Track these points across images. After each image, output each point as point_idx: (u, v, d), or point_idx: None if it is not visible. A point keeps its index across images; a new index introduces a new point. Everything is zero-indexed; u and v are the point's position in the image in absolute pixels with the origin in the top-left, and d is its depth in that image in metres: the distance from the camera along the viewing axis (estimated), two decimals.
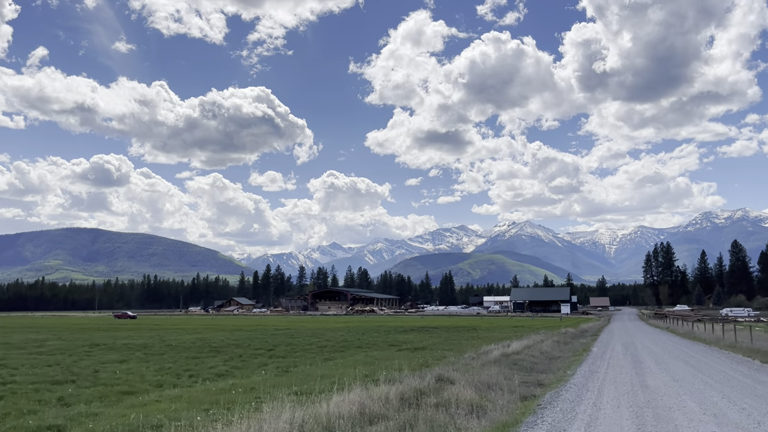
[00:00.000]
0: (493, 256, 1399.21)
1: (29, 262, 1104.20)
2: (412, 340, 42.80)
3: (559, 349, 35.41)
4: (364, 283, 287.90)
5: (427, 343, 40.18)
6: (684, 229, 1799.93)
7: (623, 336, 51.96)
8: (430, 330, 60.69)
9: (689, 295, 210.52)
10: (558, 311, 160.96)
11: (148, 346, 37.67)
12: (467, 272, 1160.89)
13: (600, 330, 65.05)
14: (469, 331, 58.80)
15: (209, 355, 31.73)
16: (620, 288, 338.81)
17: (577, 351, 34.52)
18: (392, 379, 18.29)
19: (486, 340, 41.79)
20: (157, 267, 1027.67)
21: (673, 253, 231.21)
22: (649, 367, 24.30)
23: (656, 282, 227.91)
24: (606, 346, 37.80)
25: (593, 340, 46.48)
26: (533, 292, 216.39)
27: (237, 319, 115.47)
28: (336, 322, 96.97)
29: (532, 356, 28.63)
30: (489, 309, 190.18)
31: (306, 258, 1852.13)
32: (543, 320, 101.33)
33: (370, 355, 30.37)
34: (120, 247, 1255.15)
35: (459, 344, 38.41)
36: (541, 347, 34.00)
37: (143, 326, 75.30)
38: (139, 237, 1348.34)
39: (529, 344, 34.92)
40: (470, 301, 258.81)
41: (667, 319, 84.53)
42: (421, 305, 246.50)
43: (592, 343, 42.05)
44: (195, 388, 18.65)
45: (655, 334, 54.71)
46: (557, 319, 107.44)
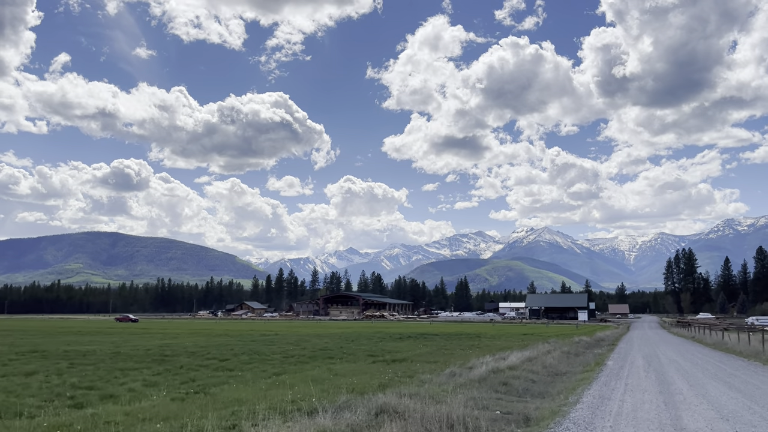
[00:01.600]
0: (510, 263, 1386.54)
1: (50, 266, 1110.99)
2: (400, 350, 37.22)
3: (568, 362, 29.67)
4: (378, 289, 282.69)
5: (415, 353, 34.58)
6: (706, 236, 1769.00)
7: (644, 346, 46.06)
8: (429, 337, 55.06)
9: (712, 303, 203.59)
10: (575, 318, 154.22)
11: (89, 354, 32.58)
12: (484, 278, 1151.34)
13: (618, 339, 59.05)
14: (471, 338, 53.09)
15: (145, 366, 26.51)
16: (640, 295, 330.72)
17: (589, 365, 28.79)
18: (317, 410, 12.89)
19: (485, 350, 36.20)
20: (175, 271, 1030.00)
21: (695, 260, 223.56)
22: (681, 390, 18.58)
23: (677, 289, 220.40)
24: (624, 359, 32.00)
25: (609, 350, 40.65)
26: (549, 298, 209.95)
27: (237, 324, 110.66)
28: (338, 327, 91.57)
29: (530, 372, 22.99)
30: (504, 315, 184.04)
31: (323, 263, 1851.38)
32: (557, 327, 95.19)
33: (332, 368, 24.92)
34: (139, 251, 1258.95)
35: (449, 355, 32.79)
36: (546, 360, 28.30)
37: (130, 330, 70.71)
38: (158, 241, 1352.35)
39: (531, 356, 29.22)
40: (486, 307, 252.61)
41: (690, 327, 77.96)
42: (435, 311, 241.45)
43: (608, 354, 36.26)
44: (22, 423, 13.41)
45: (681, 345, 48.70)
46: (573, 326, 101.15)
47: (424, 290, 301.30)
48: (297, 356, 31.50)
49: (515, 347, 37.29)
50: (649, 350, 40.74)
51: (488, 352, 33.09)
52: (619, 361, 31.10)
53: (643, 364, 29.20)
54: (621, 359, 32.18)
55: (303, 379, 20.61)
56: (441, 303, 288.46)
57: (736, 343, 42.71)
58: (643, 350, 40.78)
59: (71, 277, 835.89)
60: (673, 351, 39.97)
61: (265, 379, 21.53)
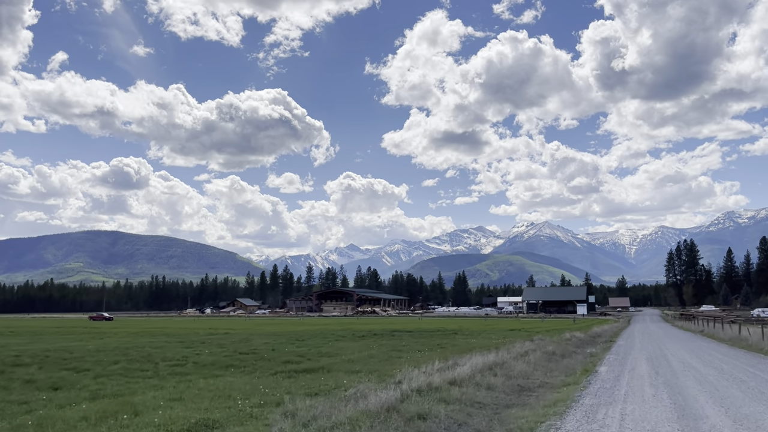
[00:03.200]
0: (511, 257, 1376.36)
1: (51, 265, 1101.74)
2: (339, 352, 29.71)
3: (547, 368, 22.16)
4: (374, 284, 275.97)
5: (350, 357, 27.05)
6: (706, 229, 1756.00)
7: (648, 343, 38.60)
8: (398, 334, 47.55)
9: (715, 295, 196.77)
10: (574, 312, 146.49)
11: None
12: (485, 273, 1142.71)
13: (617, 334, 51.59)
14: (446, 336, 45.62)
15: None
16: (641, 288, 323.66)
17: (574, 372, 21.36)
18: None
19: (451, 351, 28.81)
20: (176, 269, 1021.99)
21: (697, 251, 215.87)
22: (717, 425, 11.11)
23: (679, 282, 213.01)
24: (622, 364, 24.49)
25: (605, 350, 33.21)
26: (547, 291, 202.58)
27: (209, 321, 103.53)
28: (314, 324, 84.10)
29: (482, 389, 15.53)
30: (502, 310, 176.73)
31: (324, 260, 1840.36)
32: (553, 322, 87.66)
33: (190, 387, 17.33)
34: (139, 250, 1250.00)
35: (393, 360, 25.24)
36: (516, 367, 20.76)
37: (88, 330, 63.40)
38: (159, 239, 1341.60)
39: (498, 361, 21.68)
40: (483, 302, 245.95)
41: (696, 320, 70.61)
42: (432, 306, 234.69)
43: (602, 355, 28.79)
44: None
45: (691, 341, 41.19)
46: (570, 321, 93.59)
47: (420, 285, 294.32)
48: (191, 364, 24.00)
49: (490, 347, 29.94)
50: (654, 349, 33.25)
51: (452, 354, 25.79)
52: (615, 366, 23.58)
53: (647, 370, 21.71)
54: (618, 363, 24.67)
55: (101, 410, 13.15)
56: (438, 298, 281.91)
57: (760, 339, 35.19)
58: (647, 349, 33.30)
59: (71, 276, 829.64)
60: (684, 350, 32.47)
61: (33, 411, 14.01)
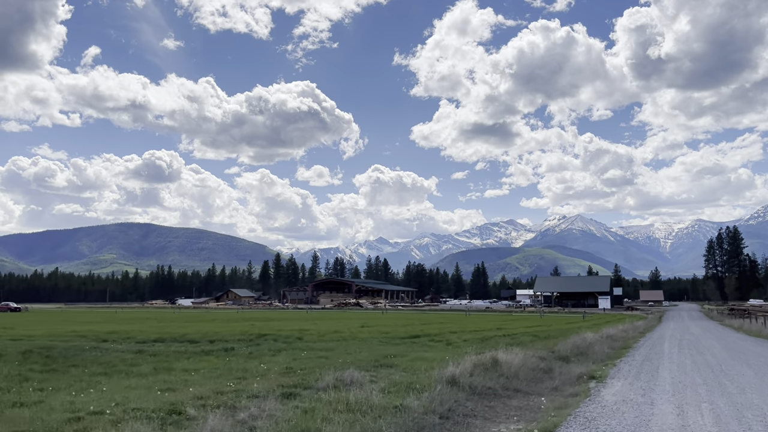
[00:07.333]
0: (542, 251, 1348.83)
1: (85, 257, 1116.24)
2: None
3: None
4: (384, 275, 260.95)
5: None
6: (746, 222, 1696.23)
7: (690, 362, 21.52)
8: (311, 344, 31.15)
9: (761, 288, 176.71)
10: (595, 306, 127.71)
11: None
12: (515, 267, 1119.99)
13: (640, 336, 34.31)
14: (407, 344, 29.04)
15: None
16: (676, 282, 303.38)
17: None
18: None
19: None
20: (206, 261, 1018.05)
21: (741, 239, 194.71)
22: None
23: (720, 273, 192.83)
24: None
25: (601, 380, 16.40)
26: (563, 281, 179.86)
27: (181, 314, 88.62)
28: (266, 318, 68.28)
29: None
30: (519, 303, 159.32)
31: (353, 252, 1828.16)
32: (561, 318, 70.27)
33: None
34: (171, 242, 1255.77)
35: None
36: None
37: None
38: (190, 232, 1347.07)
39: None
40: (502, 294, 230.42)
41: (754, 317, 52.81)
42: (444, 298, 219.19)
43: (583, 396, 12.06)
44: None
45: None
46: (579, 316, 74.36)
47: (430, 276, 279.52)
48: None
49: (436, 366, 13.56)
50: (709, 380, 16.37)
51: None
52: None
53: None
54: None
55: None
56: (453, 290, 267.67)
57: None
58: (692, 379, 16.43)
59: (105, 267, 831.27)
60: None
61: None
